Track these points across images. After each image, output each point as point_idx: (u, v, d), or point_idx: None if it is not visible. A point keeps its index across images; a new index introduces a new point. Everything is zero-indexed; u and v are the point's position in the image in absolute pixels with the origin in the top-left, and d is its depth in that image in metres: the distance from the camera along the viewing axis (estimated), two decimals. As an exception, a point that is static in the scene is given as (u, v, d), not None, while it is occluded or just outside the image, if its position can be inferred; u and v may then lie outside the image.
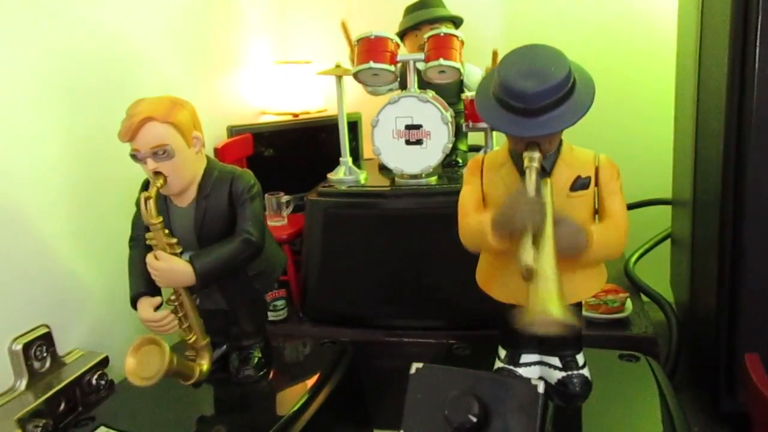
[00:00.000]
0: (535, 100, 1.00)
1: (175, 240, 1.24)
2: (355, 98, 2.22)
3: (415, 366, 1.12)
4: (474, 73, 2.00)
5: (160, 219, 1.21)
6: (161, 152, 1.20)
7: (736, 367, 1.25)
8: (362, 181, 1.89)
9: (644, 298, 1.82)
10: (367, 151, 2.41)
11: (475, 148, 2.26)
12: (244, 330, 1.42)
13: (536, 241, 0.98)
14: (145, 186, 1.35)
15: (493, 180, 1.16)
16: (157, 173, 1.21)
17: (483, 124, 1.80)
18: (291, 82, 2.38)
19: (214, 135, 2.10)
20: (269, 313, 1.85)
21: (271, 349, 1.49)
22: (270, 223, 2.04)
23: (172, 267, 1.21)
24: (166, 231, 1.23)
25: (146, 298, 1.27)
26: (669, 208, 2.06)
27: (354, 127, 2.35)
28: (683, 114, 1.76)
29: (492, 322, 1.64)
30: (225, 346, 1.45)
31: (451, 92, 2.02)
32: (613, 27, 2.26)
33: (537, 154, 1.04)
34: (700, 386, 1.41)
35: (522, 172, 1.10)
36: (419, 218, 1.70)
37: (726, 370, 1.29)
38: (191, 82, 2.03)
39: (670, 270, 2.04)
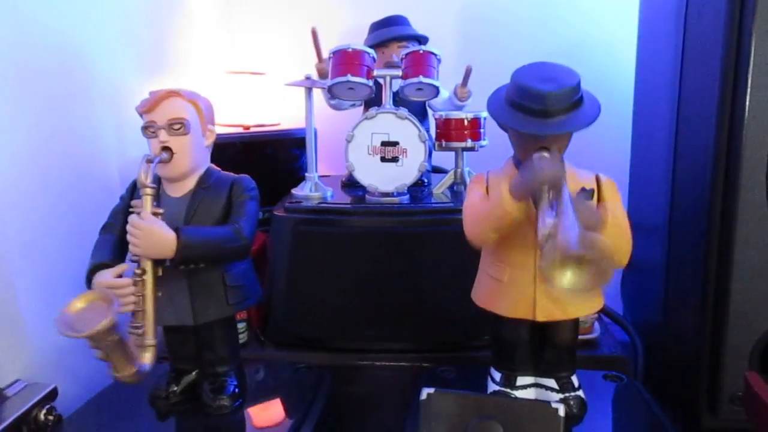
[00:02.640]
0: (553, 100, 1.04)
1: (161, 210, 1.15)
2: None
3: (426, 392, 1.06)
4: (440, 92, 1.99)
5: (155, 187, 1.14)
6: (177, 125, 1.18)
7: (719, 386, 1.30)
8: (329, 197, 1.82)
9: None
10: (321, 168, 2.34)
11: (439, 170, 2.26)
12: (219, 355, 1.31)
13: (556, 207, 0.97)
14: (132, 188, 1.28)
15: (499, 187, 1.16)
16: (165, 148, 1.18)
17: (455, 143, 1.79)
18: (243, 93, 2.27)
19: (166, 145, 1.95)
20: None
21: (244, 376, 1.38)
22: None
23: (156, 229, 1.12)
24: (154, 203, 1.15)
25: (106, 269, 1.17)
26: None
27: (309, 142, 2.28)
28: (648, 142, 1.83)
29: (470, 342, 1.65)
30: (194, 373, 1.33)
31: (415, 113, 2.00)
32: (571, 56, 2.34)
33: (546, 154, 1.05)
34: (674, 404, 1.45)
35: None
36: (393, 236, 1.65)
37: (708, 389, 1.33)
38: (141, 87, 1.88)
39: (622, 290, 2.11)
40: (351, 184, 1.91)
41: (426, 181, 1.97)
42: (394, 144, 1.68)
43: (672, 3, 1.59)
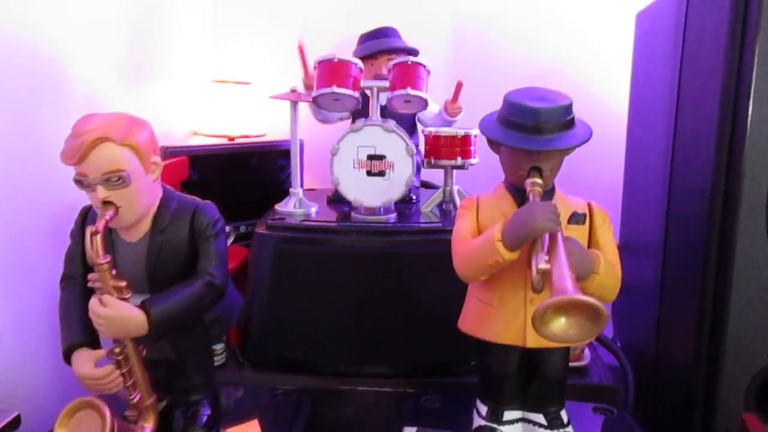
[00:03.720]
0: (546, 117, 1.02)
1: (124, 283, 1.05)
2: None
3: (408, 430, 0.99)
4: (430, 106, 1.93)
5: (108, 259, 1.03)
6: (116, 179, 1.03)
7: (714, 423, 1.24)
8: (313, 213, 1.75)
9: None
10: (308, 181, 2.28)
11: (428, 185, 2.20)
12: (192, 383, 1.24)
13: (549, 252, 0.93)
14: (86, 214, 1.16)
15: (490, 213, 1.13)
16: (107, 203, 1.04)
17: (444, 161, 1.73)
18: (228, 102, 2.21)
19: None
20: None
21: (219, 403, 1.31)
22: (205, 255, 1.85)
23: (122, 314, 1.02)
24: (114, 272, 1.05)
25: (84, 350, 1.07)
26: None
27: (295, 155, 2.21)
28: (642, 160, 1.78)
29: (456, 367, 1.58)
30: (165, 401, 1.25)
31: (404, 126, 1.94)
32: (563, 73, 2.29)
33: (539, 181, 1.04)
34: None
35: (522, 204, 1.07)
36: (378, 257, 1.59)
37: (703, 426, 1.27)
38: (120, 93, 1.81)
39: (613, 310, 2.05)
40: (337, 200, 1.84)
41: (414, 197, 1.91)
42: (381, 158, 1.61)
43: (670, 20, 1.55)
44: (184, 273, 1.14)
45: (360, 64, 1.63)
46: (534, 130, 1.02)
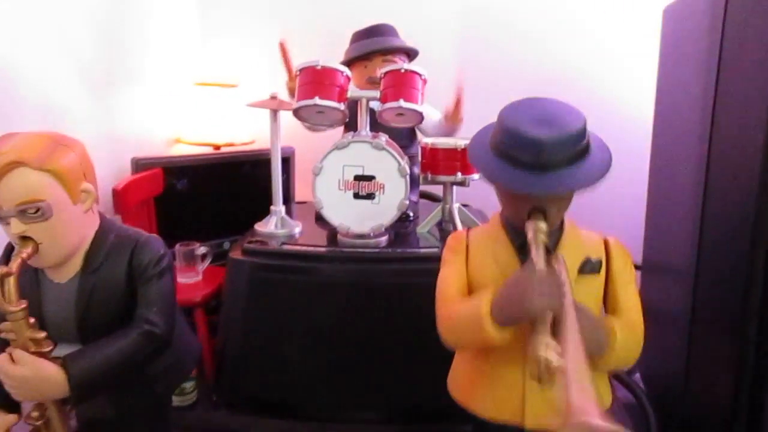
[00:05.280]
0: (552, 150, 0.81)
1: (42, 335, 0.88)
2: (288, 130, 1.91)
3: None
4: (430, 113, 1.74)
5: (23, 305, 0.86)
6: (33, 210, 0.86)
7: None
8: (296, 234, 1.58)
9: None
10: (299, 193, 2.10)
11: (428, 197, 2.01)
12: (143, 451, 1.07)
13: (554, 331, 0.77)
14: (7, 253, 0.98)
15: (483, 259, 0.94)
16: (25, 238, 0.87)
17: (443, 177, 1.54)
18: (213, 107, 2.03)
19: (114, 169, 1.72)
20: (174, 398, 1.48)
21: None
22: (181, 279, 1.68)
23: (37, 374, 0.86)
24: (32, 320, 0.88)
25: None
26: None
27: (285, 163, 2.03)
28: (671, 174, 1.57)
29: (450, 413, 1.40)
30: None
31: (402, 134, 1.76)
32: (579, 79, 2.08)
33: (543, 225, 0.83)
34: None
35: (521, 248, 0.90)
36: (365, 289, 1.42)
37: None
38: (86, 99, 1.64)
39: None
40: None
41: (411, 214, 1.73)
42: (370, 178, 1.43)
43: (704, 15, 1.34)
44: (120, 320, 0.97)
45: (346, 71, 1.45)
46: (536, 167, 0.81)
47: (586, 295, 0.90)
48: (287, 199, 2.03)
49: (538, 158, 0.81)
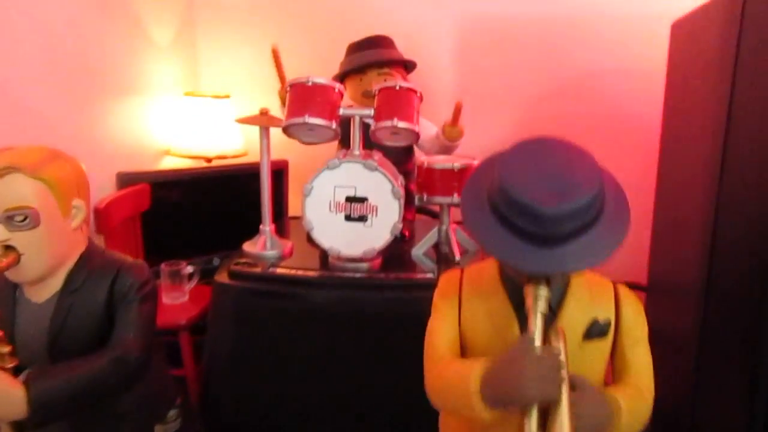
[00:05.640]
0: (557, 223, 0.70)
1: (8, 348, 0.83)
2: (282, 140, 1.84)
3: None
4: (426, 128, 1.68)
5: None
6: (20, 218, 0.84)
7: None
8: (286, 255, 1.51)
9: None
10: (293, 208, 2.04)
11: (426, 212, 1.94)
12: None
13: (547, 413, 0.70)
14: None
15: (476, 315, 0.86)
16: (8, 247, 0.85)
17: (439, 198, 1.47)
18: (204, 118, 1.96)
19: (99, 185, 1.65)
20: (156, 426, 1.42)
21: None
22: (167, 300, 1.62)
23: None
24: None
25: None
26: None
27: (278, 177, 1.97)
28: (680, 188, 1.50)
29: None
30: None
31: (398, 149, 1.69)
32: (584, 87, 2.01)
33: (544, 292, 0.74)
34: None
35: (518, 308, 0.81)
36: (356, 317, 1.35)
37: None
38: (68, 111, 1.58)
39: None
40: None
41: (407, 233, 1.66)
42: (362, 200, 1.36)
43: (716, 31, 1.29)
44: (94, 349, 0.92)
45: (339, 87, 1.38)
46: (537, 238, 0.71)
47: (590, 362, 0.82)
48: (280, 215, 1.97)
49: (542, 231, 0.70)
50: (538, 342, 0.72)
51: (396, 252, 1.53)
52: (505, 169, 0.74)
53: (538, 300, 0.73)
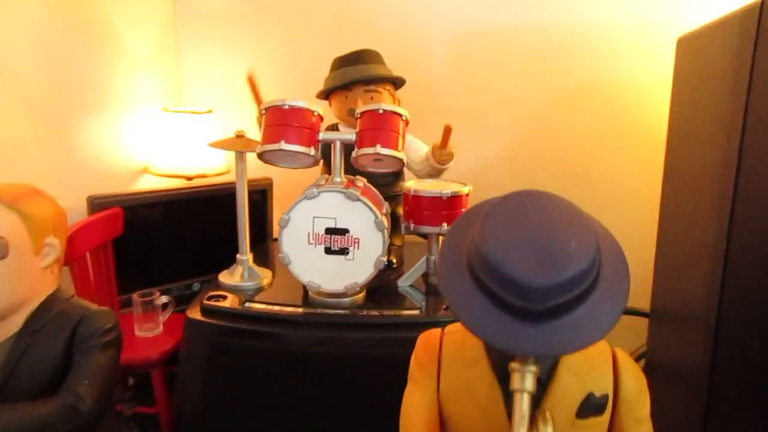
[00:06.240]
0: (546, 297, 0.60)
1: None
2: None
3: None
4: (416, 148, 1.58)
5: None
6: None
7: None
8: (265, 286, 1.42)
9: None
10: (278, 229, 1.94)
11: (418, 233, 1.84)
12: None
13: None
14: None
15: (457, 386, 0.76)
16: None
17: (427, 228, 1.38)
18: (184, 135, 1.87)
19: (68, 211, 1.55)
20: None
21: None
22: (139, 332, 1.53)
23: None
24: None
25: None
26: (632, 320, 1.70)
27: (261, 196, 1.88)
28: (689, 207, 1.40)
29: None
30: None
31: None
32: (584, 99, 1.90)
33: (533, 368, 0.64)
34: None
35: (503, 379, 0.71)
36: (337, 358, 1.25)
37: None
38: (35, 129, 1.48)
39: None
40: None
41: (394, 261, 1.57)
42: (343, 232, 1.27)
43: (726, 48, 1.20)
44: (48, 393, 0.87)
45: (318, 111, 1.28)
46: (523, 313, 0.61)
47: None
48: (263, 237, 1.88)
49: (529, 306, 0.60)
50: (523, 430, 0.62)
51: (382, 281, 1.44)
52: (486, 230, 0.63)
53: (526, 378, 0.63)
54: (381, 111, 1.26)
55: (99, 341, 0.90)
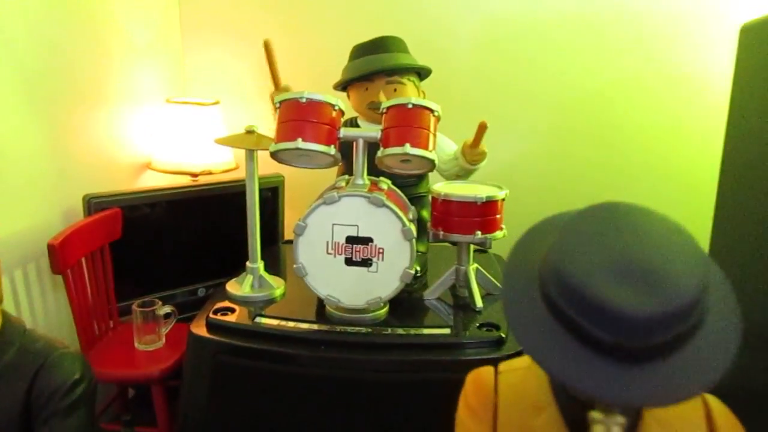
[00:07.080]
0: (647, 332, 0.48)
1: None
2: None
3: None
4: (443, 146, 1.43)
5: None
6: None
7: None
8: (277, 297, 1.29)
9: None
10: (289, 230, 1.80)
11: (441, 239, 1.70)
12: None
13: None
14: None
15: None
16: None
17: (457, 236, 1.23)
18: (189, 128, 1.73)
19: (63, 212, 1.43)
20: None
21: None
22: (139, 345, 1.40)
23: None
24: None
25: None
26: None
27: (273, 194, 1.74)
28: (749, 219, 1.26)
29: None
30: None
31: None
32: (631, 89, 1.75)
33: (620, 419, 0.51)
34: None
35: (574, 426, 0.59)
36: (355, 383, 1.12)
37: None
38: (29, 124, 1.35)
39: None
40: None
41: (419, 270, 1.42)
42: (366, 241, 1.13)
43: None
44: None
45: (339, 104, 1.14)
46: (616, 352, 0.48)
47: None
48: (274, 239, 1.74)
49: (624, 342, 0.48)
50: None
51: (404, 291, 1.30)
52: (566, 247, 0.51)
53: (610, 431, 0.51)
54: (410, 106, 1.12)
55: (64, 403, 0.74)
